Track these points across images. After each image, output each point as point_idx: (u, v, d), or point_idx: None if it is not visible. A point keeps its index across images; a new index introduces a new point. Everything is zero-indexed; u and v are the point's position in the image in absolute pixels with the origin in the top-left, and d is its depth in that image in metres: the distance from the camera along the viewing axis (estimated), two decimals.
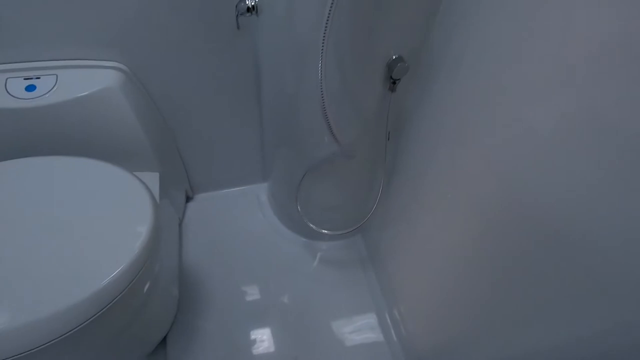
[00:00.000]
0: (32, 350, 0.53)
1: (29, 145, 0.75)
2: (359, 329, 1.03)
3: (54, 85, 0.73)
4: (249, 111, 1.00)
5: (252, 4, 0.68)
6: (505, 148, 0.49)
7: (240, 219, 1.21)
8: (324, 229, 0.94)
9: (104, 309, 0.57)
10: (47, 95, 0.72)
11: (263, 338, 1.00)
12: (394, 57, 0.62)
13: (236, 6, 0.68)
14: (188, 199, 1.21)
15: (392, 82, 0.64)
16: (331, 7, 0.49)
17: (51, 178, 0.67)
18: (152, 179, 0.91)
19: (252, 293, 1.08)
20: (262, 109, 0.98)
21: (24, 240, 0.59)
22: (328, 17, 0.50)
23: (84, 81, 0.75)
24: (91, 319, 0.56)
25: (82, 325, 0.55)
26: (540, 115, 0.42)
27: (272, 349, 0.98)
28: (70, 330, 0.55)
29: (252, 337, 1.00)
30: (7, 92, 0.71)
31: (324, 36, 0.52)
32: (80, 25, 0.71)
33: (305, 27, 0.60)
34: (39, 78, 0.73)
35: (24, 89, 0.72)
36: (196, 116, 0.97)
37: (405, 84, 0.67)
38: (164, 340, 0.96)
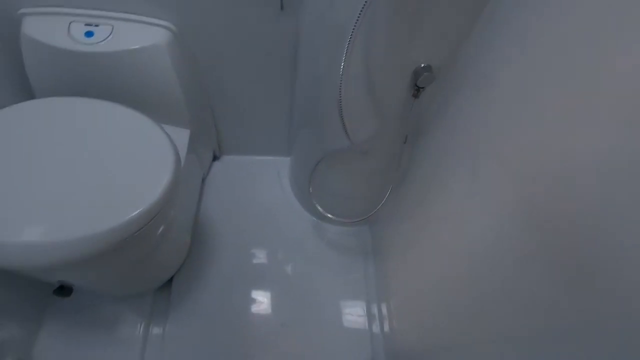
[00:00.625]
0: (65, 263, 0.62)
1: (77, 85, 0.83)
2: (348, 313, 1.08)
3: (109, 35, 0.80)
4: (282, 85, 1.03)
5: None
6: (530, 170, 0.47)
7: (260, 186, 1.27)
8: (332, 214, 0.98)
9: (119, 243, 0.65)
10: (102, 43, 0.79)
11: (260, 300, 1.08)
12: (422, 66, 0.61)
13: None
14: (215, 157, 1.29)
15: (417, 89, 0.64)
16: (364, 5, 0.49)
17: (89, 118, 0.75)
18: (183, 135, 0.98)
19: (259, 257, 1.16)
20: (294, 86, 1.00)
21: (62, 169, 0.67)
22: (362, 11, 0.50)
23: (136, 35, 0.81)
24: (109, 249, 0.64)
25: (101, 252, 0.64)
26: (577, 146, 0.40)
27: (266, 312, 1.06)
28: (91, 254, 0.63)
29: (251, 296, 1.08)
30: (69, 35, 0.78)
31: (353, 29, 0.52)
32: None
33: (341, 17, 0.61)
34: (97, 26, 0.80)
35: (83, 34, 0.79)
36: (233, 82, 1.02)
37: (430, 92, 0.67)
38: (170, 280, 1.06)
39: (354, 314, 1.08)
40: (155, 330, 1.00)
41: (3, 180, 0.64)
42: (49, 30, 0.78)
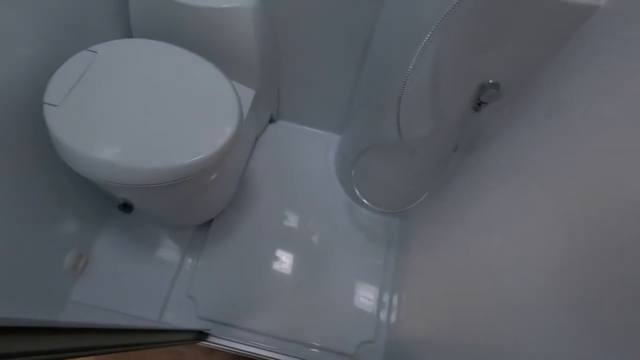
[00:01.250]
0: (130, 185, 0.73)
1: (168, 32, 0.91)
2: (360, 295, 1.14)
3: None
4: (351, 65, 1.05)
5: None
6: (584, 211, 0.46)
7: (306, 156, 1.33)
8: (368, 201, 1.02)
9: (177, 180, 0.74)
10: None
11: (284, 259, 1.17)
12: (490, 82, 0.61)
13: None
14: (271, 120, 1.36)
15: (479, 103, 0.64)
16: (453, 7, 0.49)
17: (174, 62, 0.83)
18: (248, 94, 1.04)
19: (291, 220, 1.24)
20: (361, 68, 1.02)
21: (145, 103, 0.76)
22: (446, 15, 0.50)
23: None
24: (167, 183, 0.74)
25: (159, 184, 0.74)
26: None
27: (286, 271, 1.15)
28: (151, 183, 0.73)
29: (276, 254, 1.17)
30: None
31: (432, 30, 0.53)
32: None
33: (424, 14, 0.61)
34: None
35: None
36: (305, 53, 1.06)
37: (493, 108, 0.66)
38: (210, 221, 1.18)
39: (365, 296, 1.14)
40: (189, 261, 1.14)
41: (97, 103, 0.75)
42: None
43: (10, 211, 0.79)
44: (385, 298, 1.13)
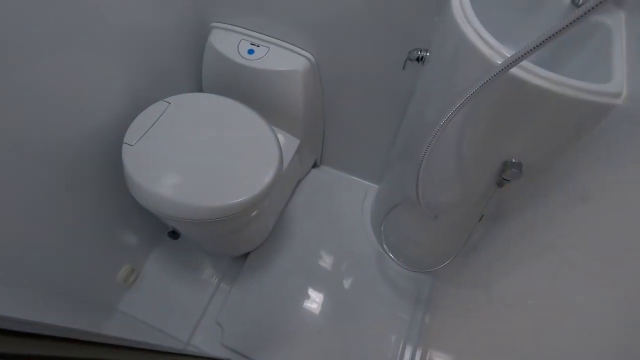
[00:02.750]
0: (178, 217, 0.84)
1: (230, 87, 1.06)
2: (382, 347, 1.13)
3: (265, 55, 1.00)
4: (391, 122, 1.11)
5: (422, 55, 0.76)
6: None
7: (344, 202, 1.38)
8: (396, 256, 1.03)
9: (220, 218, 0.84)
10: (257, 61, 1.00)
11: (313, 298, 1.21)
12: (513, 160, 0.63)
13: (409, 52, 0.78)
14: (315, 164, 1.45)
15: (502, 179, 0.66)
16: (477, 89, 0.53)
17: (229, 114, 0.96)
18: (293, 143, 1.15)
19: (325, 261, 1.28)
20: (400, 125, 1.08)
21: (200, 147, 0.89)
22: (474, 92, 0.54)
23: (283, 59, 0.99)
24: (211, 220, 0.84)
25: (203, 220, 0.84)
26: None
27: (314, 310, 1.18)
28: (196, 219, 0.84)
29: (307, 292, 1.22)
30: (237, 49, 1.00)
31: (458, 105, 0.56)
32: (299, 20, 0.93)
33: (454, 87, 0.66)
34: (258, 46, 1.01)
35: (247, 51, 1.00)
36: (348, 109, 1.14)
37: (518, 184, 0.67)
38: (247, 254, 1.27)
39: (387, 350, 1.12)
40: (223, 287, 1.22)
41: (163, 146, 0.89)
42: (225, 43, 1.02)
43: (87, 224, 0.94)
44: (407, 354, 1.10)
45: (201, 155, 0.88)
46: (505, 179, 0.65)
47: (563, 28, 0.40)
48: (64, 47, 0.73)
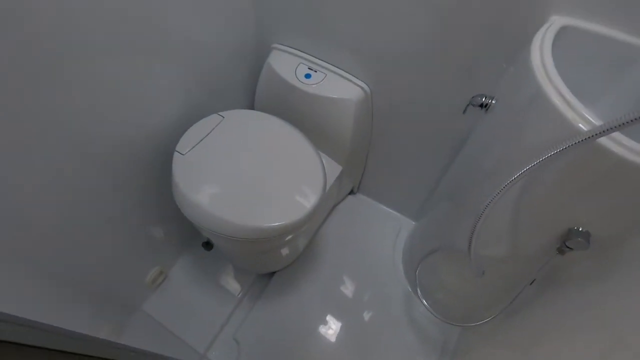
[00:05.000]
0: (215, 231, 0.84)
1: (281, 107, 1.07)
2: None
3: (321, 81, 1.00)
4: (438, 160, 1.08)
5: (487, 102, 0.73)
6: None
7: (377, 234, 1.35)
8: (428, 302, 0.98)
9: (256, 239, 0.83)
10: (313, 86, 1.00)
11: (332, 326, 1.17)
12: (579, 229, 0.58)
13: (472, 97, 0.75)
14: (352, 191, 1.43)
15: (565, 247, 0.61)
16: (558, 152, 0.49)
17: (278, 134, 0.96)
18: (336, 169, 1.14)
19: (348, 289, 1.25)
20: (450, 165, 1.04)
21: (245, 164, 0.89)
22: (542, 160, 0.50)
23: (339, 87, 0.99)
24: (247, 239, 0.83)
25: (240, 238, 0.84)
26: None
27: (331, 338, 1.15)
28: (233, 236, 0.83)
29: (326, 319, 1.18)
30: (295, 72, 1.02)
31: (528, 168, 0.53)
32: (359, 49, 0.93)
33: (516, 145, 0.63)
34: (315, 72, 1.01)
35: (304, 75, 1.01)
36: (396, 142, 1.12)
37: (582, 254, 0.62)
38: (273, 273, 1.26)
39: None
40: (246, 303, 1.21)
41: (211, 159, 0.90)
42: (283, 65, 1.04)
43: (127, 224, 0.96)
44: None
45: (247, 173, 0.89)
46: (568, 247, 0.60)
47: None
48: (135, 54, 0.76)
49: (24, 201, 0.67)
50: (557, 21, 0.63)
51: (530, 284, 0.71)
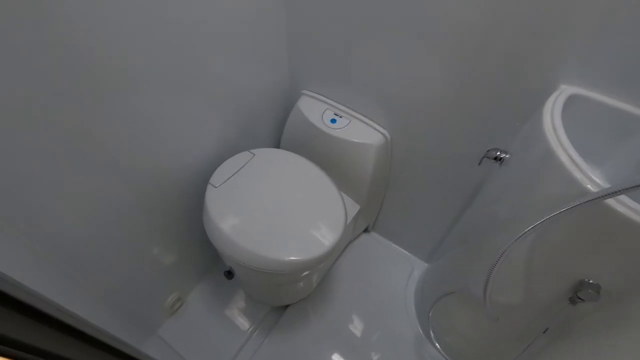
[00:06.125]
0: (237, 261, 0.89)
1: (306, 148, 1.15)
2: None
3: (346, 126, 1.09)
4: (451, 206, 1.13)
5: (502, 156, 0.80)
6: None
7: (390, 273, 1.37)
8: (441, 346, 0.99)
9: (275, 271, 0.88)
10: (338, 130, 1.08)
11: None
12: (589, 281, 0.62)
13: (487, 151, 0.82)
14: (366, 229, 1.47)
15: (576, 297, 0.64)
16: (567, 210, 0.54)
17: (303, 173, 1.03)
18: (353, 208, 1.19)
19: (356, 328, 1.26)
20: (464, 211, 1.09)
21: (268, 201, 0.96)
22: (552, 216, 0.56)
23: (361, 132, 1.07)
24: (265, 271, 0.88)
25: (258, 270, 0.88)
26: None
27: None
28: (251, 267, 0.88)
29: (332, 357, 1.19)
30: (322, 117, 1.11)
31: (539, 223, 0.58)
32: (382, 99, 1.02)
33: (528, 198, 0.68)
34: (340, 117, 1.10)
35: (330, 120, 1.10)
36: (412, 185, 1.18)
37: (594, 305, 0.65)
38: (286, 306, 1.28)
39: None
40: (257, 337, 1.22)
41: (241, 193, 0.97)
42: (311, 109, 1.13)
43: (153, 247, 1.02)
44: None
45: (273, 208, 0.95)
46: (579, 298, 0.63)
47: None
48: (180, 93, 0.85)
49: (59, 216, 0.72)
50: (566, 90, 0.70)
51: (544, 332, 0.73)
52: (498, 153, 0.80)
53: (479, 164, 0.86)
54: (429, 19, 0.78)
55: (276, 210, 0.94)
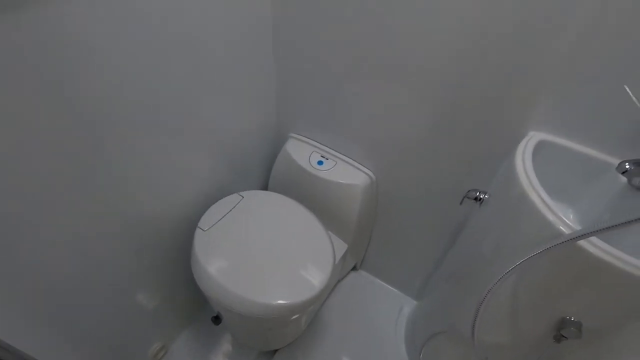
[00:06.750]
0: (224, 305, 0.87)
1: (294, 190, 1.18)
2: None
3: (332, 167, 1.12)
4: (437, 243, 1.15)
5: (481, 197, 0.84)
6: None
7: (379, 312, 1.36)
8: None
9: (263, 316, 0.87)
10: (324, 172, 1.12)
11: None
12: (571, 319, 0.64)
13: (468, 191, 0.86)
14: (354, 267, 1.47)
15: (560, 335, 0.66)
16: (542, 251, 0.58)
17: (291, 215, 1.05)
18: (341, 247, 1.20)
19: None
20: (450, 248, 1.11)
21: (256, 243, 0.96)
22: (530, 257, 0.59)
23: (347, 174, 1.11)
24: (252, 316, 0.87)
25: (245, 314, 0.87)
26: None
27: None
28: (237, 312, 0.87)
29: None
30: (309, 159, 1.14)
31: (518, 264, 0.61)
32: (366, 142, 1.07)
33: (508, 237, 0.71)
34: (327, 159, 1.14)
35: (316, 162, 1.14)
36: (398, 223, 1.21)
37: (578, 343, 0.67)
38: (275, 351, 1.24)
39: None
40: None
41: (229, 236, 0.97)
42: (298, 152, 1.17)
43: (139, 292, 0.99)
44: None
45: (261, 251, 0.95)
46: (563, 336, 0.65)
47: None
48: (172, 135, 0.87)
49: (44, 256, 0.70)
50: (535, 136, 0.76)
51: None
52: (477, 194, 0.85)
53: (461, 203, 0.90)
54: (410, 67, 0.84)
55: (265, 253, 0.95)
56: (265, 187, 1.33)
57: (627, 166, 0.62)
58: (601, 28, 0.62)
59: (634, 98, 0.65)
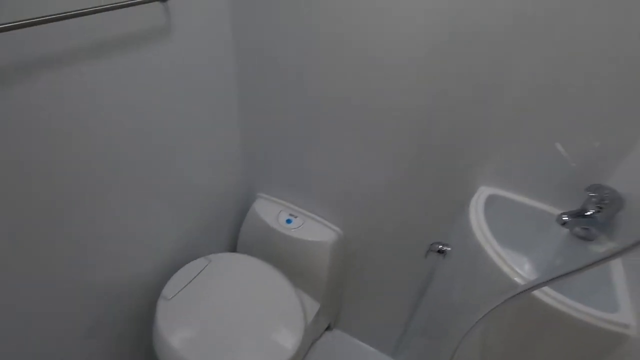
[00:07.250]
0: None
1: (263, 250, 1.17)
2: None
3: (300, 226, 1.14)
4: (408, 294, 1.15)
5: (443, 249, 0.87)
6: None
7: None
8: None
9: None
10: (293, 230, 1.13)
11: None
12: None
13: (430, 244, 0.89)
14: (329, 327, 1.42)
15: None
16: (502, 303, 0.60)
17: (261, 277, 1.03)
18: (314, 306, 1.18)
19: None
20: (420, 301, 1.11)
21: (227, 312, 0.93)
22: (490, 310, 0.61)
23: (315, 231, 1.12)
24: None
25: None
26: None
27: None
28: None
29: None
30: (277, 218, 1.15)
31: (480, 318, 0.63)
32: (332, 201, 1.10)
33: (471, 289, 0.74)
34: (295, 217, 1.16)
35: (285, 220, 1.15)
36: (369, 279, 1.21)
37: None
38: None
39: None
40: None
41: (195, 305, 0.93)
42: (267, 211, 1.18)
43: None
44: None
45: (229, 317, 0.91)
46: None
47: (589, 265, 0.49)
48: (140, 197, 0.86)
49: None
50: (485, 191, 0.83)
51: None
52: (440, 246, 0.88)
53: (425, 256, 0.92)
54: (370, 125, 0.90)
55: (234, 319, 0.91)
56: (234, 247, 1.30)
57: (565, 218, 0.68)
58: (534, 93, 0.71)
59: (564, 154, 0.74)
